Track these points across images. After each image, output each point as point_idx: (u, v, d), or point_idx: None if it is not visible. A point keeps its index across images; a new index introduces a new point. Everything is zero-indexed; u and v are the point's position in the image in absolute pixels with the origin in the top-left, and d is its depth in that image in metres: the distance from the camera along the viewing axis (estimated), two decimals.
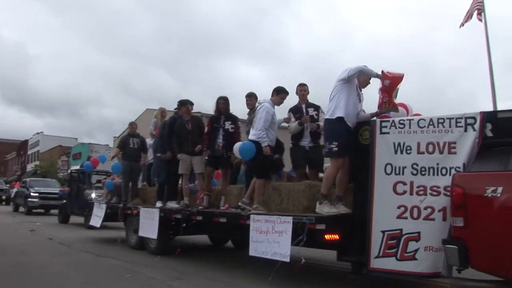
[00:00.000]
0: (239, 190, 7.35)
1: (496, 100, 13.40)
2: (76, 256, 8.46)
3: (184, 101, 8.19)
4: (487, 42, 13.94)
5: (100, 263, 7.68)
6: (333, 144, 5.63)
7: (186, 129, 8.02)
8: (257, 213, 6.22)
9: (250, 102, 7.48)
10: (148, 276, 6.54)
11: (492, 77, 13.59)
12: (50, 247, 9.73)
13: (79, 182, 16.49)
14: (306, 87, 7.09)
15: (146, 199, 9.73)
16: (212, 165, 7.65)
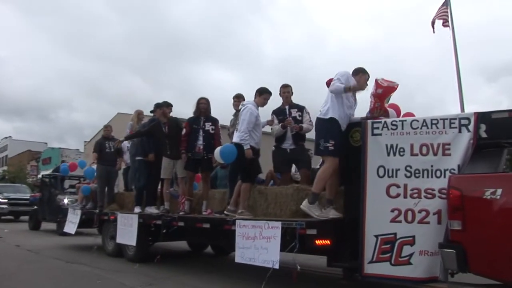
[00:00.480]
0: (221, 195, 7.12)
1: (464, 104, 13.73)
2: (45, 263, 8.18)
3: (159, 104, 7.91)
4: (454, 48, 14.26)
5: (70, 270, 7.48)
6: (330, 142, 5.45)
7: (163, 133, 7.69)
8: (243, 218, 5.98)
9: (237, 103, 7.23)
10: (119, 282, 6.37)
11: (459, 82, 13.87)
12: (18, 254, 9.30)
13: (51, 187, 15.91)
14: (290, 89, 6.87)
15: (124, 204, 9.36)
16: (192, 168, 7.35)
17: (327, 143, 5.46)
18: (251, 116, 6.38)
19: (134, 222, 7.92)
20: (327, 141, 5.46)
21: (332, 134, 5.45)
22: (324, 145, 5.48)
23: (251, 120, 6.37)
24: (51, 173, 17.13)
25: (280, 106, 6.83)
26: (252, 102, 6.64)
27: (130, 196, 9.19)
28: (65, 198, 14.56)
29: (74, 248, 10.46)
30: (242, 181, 6.42)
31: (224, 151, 6.22)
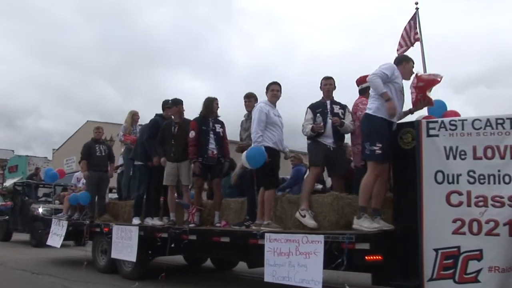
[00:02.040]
0: (239, 204, 6.37)
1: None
2: (9, 274, 7.87)
3: (177, 100, 7.05)
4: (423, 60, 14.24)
5: (35, 281, 7.24)
6: (376, 146, 4.83)
7: (170, 132, 6.89)
8: (274, 231, 5.27)
9: (249, 104, 6.53)
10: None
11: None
12: None
13: (24, 196, 14.75)
14: (332, 81, 5.94)
15: (118, 214, 8.45)
16: (204, 175, 6.58)
17: (373, 146, 4.85)
18: (260, 114, 5.78)
19: (133, 235, 7.06)
20: (374, 143, 4.85)
21: (381, 135, 4.85)
22: (370, 148, 4.87)
23: (261, 118, 5.76)
24: (24, 180, 15.84)
25: (320, 100, 5.93)
26: (263, 101, 6.09)
27: (125, 206, 8.31)
28: (40, 207, 13.66)
29: (45, 260, 9.87)
30: (264, 188, 5.74)
31: (251, 154, 5.48)
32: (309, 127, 5.66)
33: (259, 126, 5.75)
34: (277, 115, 6.01)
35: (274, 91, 6.04)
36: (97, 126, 8.92)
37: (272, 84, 6.10)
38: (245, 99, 6.58)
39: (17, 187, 15.62)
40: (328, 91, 5.88)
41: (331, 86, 5.90)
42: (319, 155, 5.61)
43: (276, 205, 5.70)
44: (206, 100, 6.72)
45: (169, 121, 7.03)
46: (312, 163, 5.67)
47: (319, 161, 5.61)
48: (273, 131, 5.88)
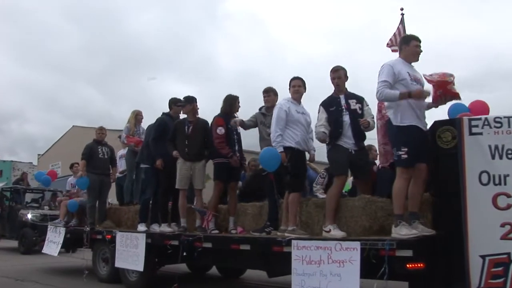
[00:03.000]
0: (257, 209, 5.98)
1: None
2: None
3: (190, 97, 6.62)
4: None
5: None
6: (402, 150, 4.49)
7: (184, 133, 6.47)
8: (301, 237, 4.90)
9: (268, 99, 6.14)
10: None
11: None
12: None
13: (12, 201, 14.21)
14: (343, 72, 5.26)
15: (121, 220, 7.99)
16: (225, 178, 6.18)
17: (399, 151, 4.52)
18: (279, 112, 5.40)
19: (140, 243, 6.62)
20: (399, 148, 4.52)
21: (405, 139, 4.50)
22: (396, 154, 4.55)
23: (280, 117, 5.37)
24: (12, 185, 15.22)
25: (331, 95, 5.32)
26: (285, 98, 5.71)
27: (128, 212, 7.86)
28: (29, 213, 13.17)
29: (34, 267, 9.63)
30: (288, 192, 5.36)
31: (264, 156, 5.11)
32: (322, 130, 5.13)
33: (277, 125, 5.37)
34: (300, 113, 5.58)
35: (296, 87, 5.63)
36: (100, 127, 8.41)
37: (294, 79, 5.68)
38: (264, 94, 6.19)
39: (4, 192, 15.01)
40: (338, 85, 5.28)
41: (339, 79, 5.25)
42: (342, 162, 5.10)
43: (301, 210, 5.32)
44: (229, 98, 6.33)
45: (182, 120, 6.61)
46: (336, 172, 5.19)
47: (343, 169, 5.11)
48: (296, 130, 5.46)
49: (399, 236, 4.31)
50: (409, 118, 4.56)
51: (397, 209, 4.47)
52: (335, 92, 5.36)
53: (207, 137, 6.39)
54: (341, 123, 5.13)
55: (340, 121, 5.14)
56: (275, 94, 6.16)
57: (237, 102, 6.39)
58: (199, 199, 6.46)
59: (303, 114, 5.63)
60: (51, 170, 10.45)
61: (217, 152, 6.12)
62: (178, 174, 6.40)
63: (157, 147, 6.74)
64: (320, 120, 5.22)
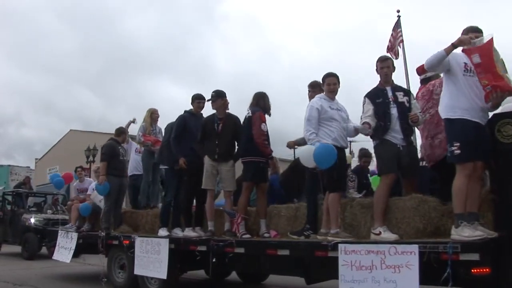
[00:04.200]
0: (292, 211, 5.58)
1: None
2: None
3: (221, 92, 6.22)
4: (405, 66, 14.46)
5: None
6: (454, 145, 4.14)
7: (214, 131, 6.08)
8: (348, 241, 4.53)
9: (313, 94, 5.73)
10: None
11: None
12: None
13: (14, 205, 13.76)
14: (390, 62, 5.04)
15: (138, 225, 7.57)
16: (259, 179, 5.80)
17: (452, 146, 4.19)
18: (310, 110, 5.14)
19: (163, 249, 6.21)
20: (452, 144, 4.19)
21: (458, 132, 4.16)
22: (450, 149, 4.21)
23: (312, 115, 5.10)
24: (13, 189, 14.77)
25: (377, 86, 5.01)
26: (318, 95, 5.39)
27: (146, 215, 7.44)
28: (32, 218, 12.72)
29: (31, 272, 9.59)
30: (328, 192, 5.01)
31: (321, 152, 4.72)
32: (366, 123, 4.82)
33: (309, 124, 5.10)
34: (335, 109, 5.26)
35: (331, 85, 5.31)
36: (122, 128, 7.95)
37: (328, 76, 5.37)
38: (309, 89, 5.83)
39: (6, 196, 14.57)
40: (386, 76, 4.97)
41: (389, 69, 4.98)
42: (391, 158, 4.73)
43: (345, 211, 4.95)
44: (263, 95, 5.99)
45: (210, 117, 6.22)
46: (383, 170, 4.81)
47: (392, 167, 4.73)
48: (331, 127, 5.15)
49: (461, 238, 3.95)
50: (461, 109, 4.22)
51: (458, 208, 4.10)
52: (380, 84, 5.05)
53: (238, 135, 6.02)
54: (389, 116, 4.81)
55: (388, 114, 4.82)
56: (321, 90, 5.79)
57: (266, 98, 6.06)
58: (228, 202, 6.07)
59: (338, 110, 5.30)
60: (67, 173, 9.95)
61: (251, 150, 5.75)
62: (205, 175, 6.02)
63: (178, 146, 6.35)
64: (367, 112, 4.87)
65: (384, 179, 4.78)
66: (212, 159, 6.01)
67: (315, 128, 5.09)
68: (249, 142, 5.80)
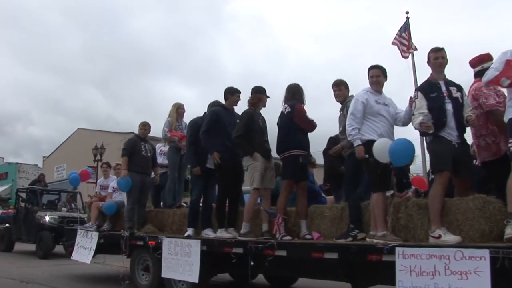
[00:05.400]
0: (337, 211, 5.23)
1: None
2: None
3: (260, 88, 5.92)
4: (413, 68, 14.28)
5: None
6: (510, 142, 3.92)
7: (259, 126, 5.77)
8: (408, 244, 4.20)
9: (339, 93, 5.50)
10: None
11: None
12: None
13: (28, 203, 13.42)
14: (445, 53, 4.66)
15: (164, 225, 7.24)
16: (298, 175, 5.47)
17: (508, 143, 3.95)
18: (355, 104, 4.90)
19: (194, 251, 5.87)
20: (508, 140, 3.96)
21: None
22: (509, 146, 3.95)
23: (356, 108, 4.86)
24: (28, 186, 14.44)
25: (429, 79, 4.68)
26: (364, 88, 5.09)
27: (173, 215, 7.11)
28: (47, 215, 12.39)
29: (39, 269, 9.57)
30: (372, 191, 4.72)
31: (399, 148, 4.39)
32: (420, 118, 4.44)
33: (354, 119, 4.85)
34: (381, 103, 4.97)
35: (373, 77, 5.04)
36: (144, 122, 7.55)
37: (372, 68, 5.10)
38: (334, 88, 5.54)
39: (20, 193, 14.20)
40: (441, 66, 4.65)
41: (443, 59, 4.66)
42: (446, 156, 4.38)
43: (399, 212, 4.60)
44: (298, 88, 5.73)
45: (252, 111, 5.89)
46: (438, 168, 4.44)
47: (447, 165, 4.37)
48: (376, 122, 4.89)
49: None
50: None
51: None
52: (432, 77, 4.72)
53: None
54: (445, 112, 4.48)
55: (443, 109, 4.48)
56: (346, 87, 5.54)
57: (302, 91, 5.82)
58: (267, 201, 5.75)
59: (385, 105, 5.01)
60: (84, 170, 9.61)
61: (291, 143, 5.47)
62: (254, 173, 5.68)
63: (209, 140, 6.04)
64: (420, 107, 4.52)
65: (438, 178, 4.43)
66: (266, 157, 5.73)
67: (358, 123, 4.85)
68: (288, 136, 5.54)
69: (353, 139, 4.80)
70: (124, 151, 7.32)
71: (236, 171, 5.92)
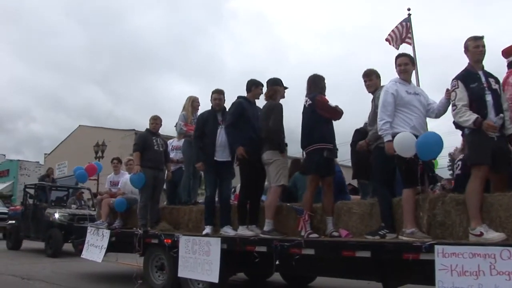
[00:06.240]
0: (367, 208, 5.00)
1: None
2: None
3: (277, 80, 5.76)
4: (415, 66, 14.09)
5: (25, 286, 7.19)
6: None
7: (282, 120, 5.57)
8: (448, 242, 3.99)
9: (370, 83, 5.29)
10: None
11: None
12: None
13: (37, 200, 13.13)
14: (484, 42, 4.45)
15: (179, 222, 7.00)
16: (323, 170, 5.23)
17: None
18: (385, 96, 4.69)
19: (213, 249, 5.64)
20: None
21: None
22: None
23: (387, 100, 4.65)
24: (37, 183, 14.14)
25: (468, 68, 4.44)
26: (393, 79, 4.87)
27: (189, 212, 6.87)
28: (56, 213, 12.11)
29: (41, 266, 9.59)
30: (404, 187, 4.53)
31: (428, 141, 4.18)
32: (473, 117, 4.18)
33: (384, 112, 4.65)
34: (412, 93, 4.76)
35: (401, 65, 4.84)
36: (155, 116, 7.32)
37: (400, 56, 4.94)
38: (364, 78, 5.32)
39: (28, 189, 13.87)
40: (480, 55, 4.41)
41: (484, 48, 4.42)
42: (485, 149, 4.16)
43: (434, 208, 4.38)
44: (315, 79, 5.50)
45: (278, 104, 5.66)
46: (476, 161, 4.22)
47: (486, 158, 4.14)
48: (409, 114, 4.68)
49: None
50: None
51: None
52: (471, 67, 4.47)
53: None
54: (485, 104, 4.26)
55: (484, 101, 4.26)
56: (377, 76, 5.33)
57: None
58: (275, 196, 5.56)
59: (415, 94, 4.80)
60: (90, 164, 9.32)
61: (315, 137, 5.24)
62: (280, 168, 5.52)
63: (235, 134, 5.83)
64: (461, 98, 4.28)
65: (476, 172, 4.20)
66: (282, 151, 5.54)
67: (390, 115, 4.65)
68: (311, 129, 5.32)
69: (384, 133, 4.61)
70: (136, 146, 7.09)
71: (261, 166, 5.69)
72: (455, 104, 4.32)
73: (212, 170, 6.15)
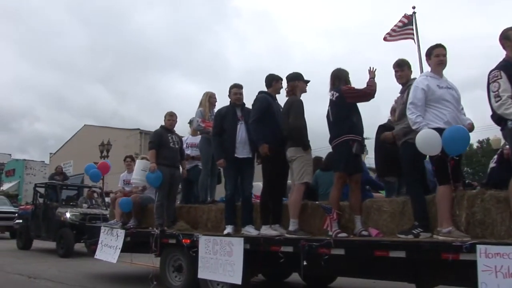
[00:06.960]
0: (398, 206, 4.80)
1: None
2: (5, 278, 7.74)
3: (295, 74, 5.56)
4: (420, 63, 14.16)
5: (31, 285, 7.22)
6: None
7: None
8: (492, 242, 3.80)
9: (401, 74, 5.07)
10: None
11: None
12: None
13: (47, 199, 12.93)
14: None
15: (198, 222, 6.81)
16: (351, 168, 5.04)
17: None
18: (415, 91, 4.51)
19: (236, 250, 5.45)
20: None
21: None
22: None
23: (417, 96, 4.47)
24: (47, 181, 13.97)
25: (507, 60, 4.24)
26: (424, 73, 4.78)
27: (208, 211, 6.68)
28: (67, 212, 11.90)
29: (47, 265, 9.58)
30: (438, 184, 4.34)
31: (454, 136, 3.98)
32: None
33: (415, 107, 4.47)
34: (445, 87, 4.57)
35: (440, 56, 4.62)
36: (171, 113, 7.11)
37: (436, 47, 4.68)
38: (396, 69, 5.11)
39: (38, 188, 13.64)
40: None
41: None
42: None
43: (473, 206, 4.18)
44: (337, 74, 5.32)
45: (297, 99, 5.47)
46: None
47: None
48: (442, 109, 4.48)
49: None
50: None
51: None
52: (509, 58, 4.25)
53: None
54: None
55: None
56: (409, 67, 5.12)
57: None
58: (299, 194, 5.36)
59: (448, 88, 4.60)
60: (103, 162, 9.13)
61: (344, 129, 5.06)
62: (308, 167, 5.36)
63: (259, 131, 5.62)
64: (505, 90, 4.02)
65: None
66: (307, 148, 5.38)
67: (421, 111, 4.46)
68: (341, 121, 5.12)
69: (420, 126, 4.36)
70: (152, 144, 6.90)
71: (285, 163, 5.50)
72: (499, 95, 4.05)
73: (232, 167, 5.96)
